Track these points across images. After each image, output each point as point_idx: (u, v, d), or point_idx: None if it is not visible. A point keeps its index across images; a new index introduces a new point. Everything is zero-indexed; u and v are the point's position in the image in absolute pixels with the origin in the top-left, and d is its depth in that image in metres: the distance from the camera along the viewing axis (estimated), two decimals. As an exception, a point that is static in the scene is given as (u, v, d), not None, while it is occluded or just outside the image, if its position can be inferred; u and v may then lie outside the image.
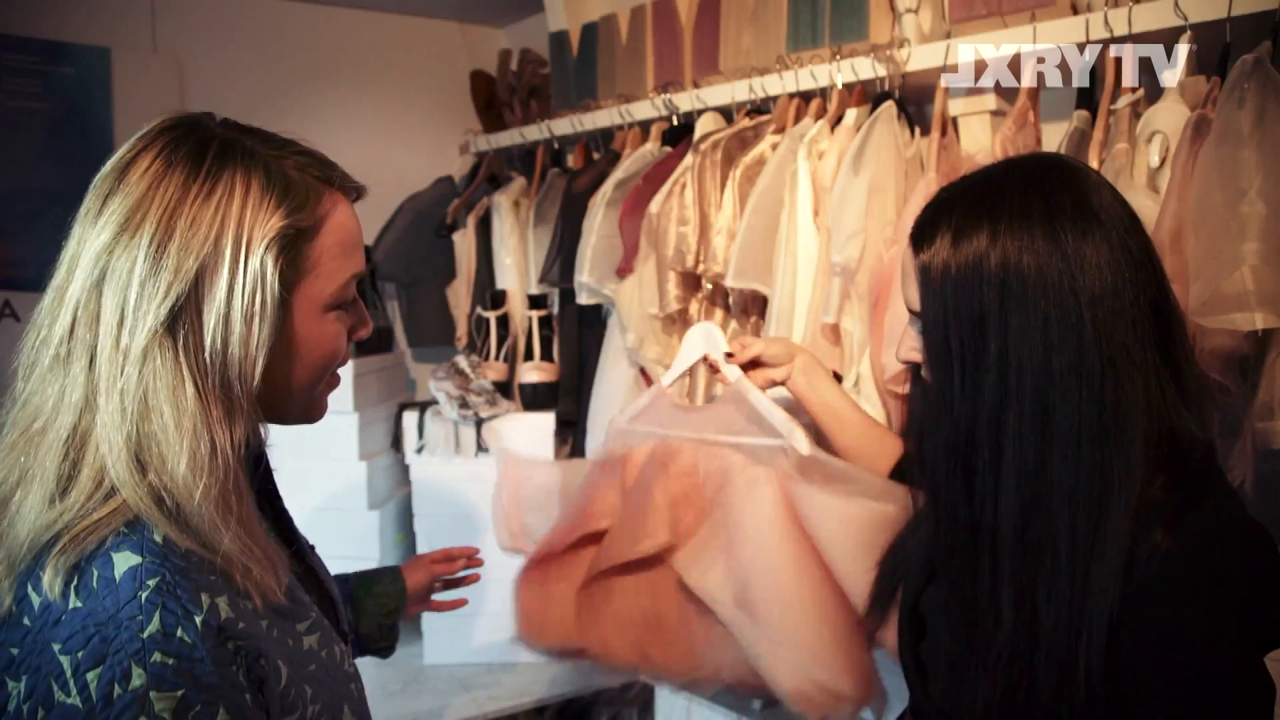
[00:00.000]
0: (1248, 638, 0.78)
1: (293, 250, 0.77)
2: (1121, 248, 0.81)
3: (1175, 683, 0.78)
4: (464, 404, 2.05)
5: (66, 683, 0.67)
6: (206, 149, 0.76)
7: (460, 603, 1.38)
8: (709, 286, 1.78)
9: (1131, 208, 0.86)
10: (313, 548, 1.03)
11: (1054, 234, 0.80)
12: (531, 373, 2.20)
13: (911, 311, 0.93)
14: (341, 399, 2.09)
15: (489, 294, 2.35)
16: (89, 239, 0.75)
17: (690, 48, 1.97)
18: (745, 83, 1.77)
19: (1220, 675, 0.78)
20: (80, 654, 0.68)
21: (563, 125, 2.26)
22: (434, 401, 2.13)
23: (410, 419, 2.13)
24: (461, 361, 2.16)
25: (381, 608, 1.23)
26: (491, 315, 2.32)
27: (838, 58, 1.63)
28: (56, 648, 0.68)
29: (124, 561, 0.70)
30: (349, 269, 0.84)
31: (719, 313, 1.80)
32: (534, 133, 2.36)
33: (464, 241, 2.51)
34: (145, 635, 0.68)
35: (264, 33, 2.53)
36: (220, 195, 0.74)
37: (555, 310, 2.28)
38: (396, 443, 2.26)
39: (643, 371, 1.90)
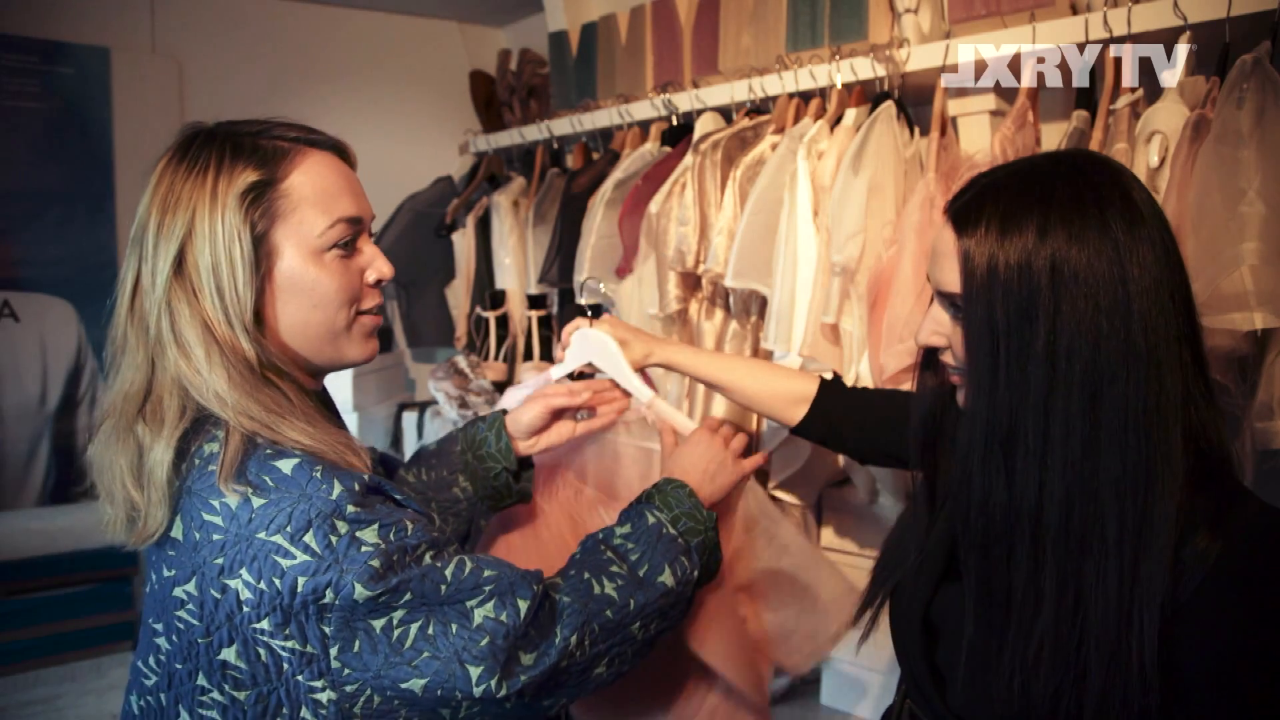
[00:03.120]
0: None
1: (264, 200, 0.91)
2: (1162, 245, 0.82)
3: (1238, 691, 0.78)
4: (463, 404, 2.05)
5: (287, 551, 0.82)
6: (192, 142, 0.93)
7: (608, 421, 1.29)
8: (709, 286, 1.78)
9: (1160, 208, 0.87)
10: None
11: (1105, 225, 0.81)
12: (531, 373, 2.20)
13: (941, 292, 0.91)
14: (340, 399, 2.09)
15: (488, 294, 2.35)
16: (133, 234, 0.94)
17: (689, 48, 1.97)
18: (745, 83, 1.78)
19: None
20: (289, 528, 0.82)
21: (562, 125, 2.26)
22: (433, 401, 2.13)
23: (410, 419, 2.14)
24: (461, 361, 2.16)
25: (488, 472, 1.20)
26: (491, 315, 2.32)
27: (837, 58, 1.63)
28: (263, 535, 0.82)
29: (286, 462, 0.85)
30: (335, 212, 0.94)
31: (719, 313, 1.80)
32: (533, 133, 2.36)
33: (463, 241, 2.51)
34: (334, 497, 0.84)
35: (263, 33, 2.53)
36: (196, 170, 0.90)
37: (555, 310, 2.28)
38: (396, 442, 2.26)
39: (641, 371, 1.89)
